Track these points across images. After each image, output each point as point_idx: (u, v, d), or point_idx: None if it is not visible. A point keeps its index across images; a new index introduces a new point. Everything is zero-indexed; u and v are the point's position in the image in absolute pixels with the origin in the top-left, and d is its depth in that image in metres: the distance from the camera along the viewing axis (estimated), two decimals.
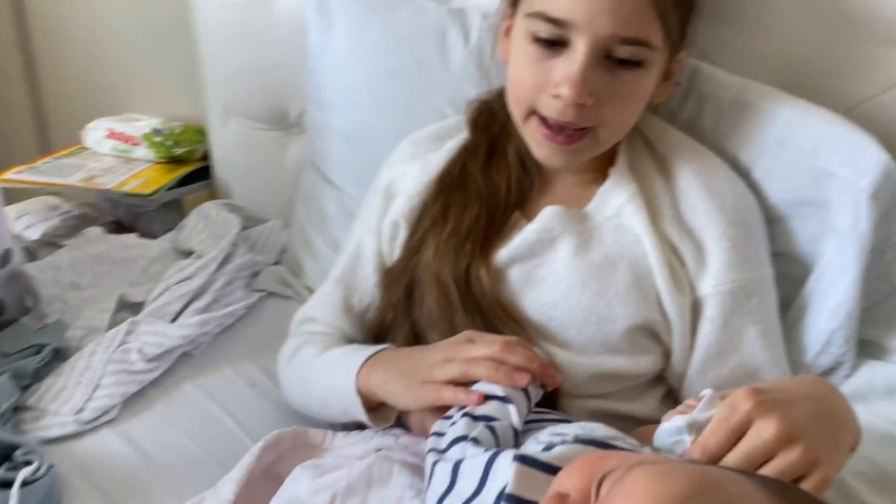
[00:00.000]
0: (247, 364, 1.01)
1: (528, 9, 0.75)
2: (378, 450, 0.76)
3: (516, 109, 0.79)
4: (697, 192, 0.78)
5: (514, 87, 0.79)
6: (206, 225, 1.19)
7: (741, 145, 0.83)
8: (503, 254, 0.79)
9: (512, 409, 0.64)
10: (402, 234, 0.86)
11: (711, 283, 0.75)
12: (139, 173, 1.43)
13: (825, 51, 0.86)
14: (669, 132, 0.84)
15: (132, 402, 0.93)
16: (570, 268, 0.77)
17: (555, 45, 0.72)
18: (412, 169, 0.88)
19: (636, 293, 0.75)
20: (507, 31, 0.84)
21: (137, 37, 1.55)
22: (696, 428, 0.56)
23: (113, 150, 1.50)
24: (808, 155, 0.78)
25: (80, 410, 0.90)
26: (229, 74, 1.30)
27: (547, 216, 0.80)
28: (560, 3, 0.71)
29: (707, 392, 0.59)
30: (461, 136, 0.89)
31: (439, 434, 0.65)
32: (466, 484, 0.55)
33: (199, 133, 1.50)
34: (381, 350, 0.78)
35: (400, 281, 0.85)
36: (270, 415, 0.94)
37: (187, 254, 1.15)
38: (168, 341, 0.97)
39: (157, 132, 1.47)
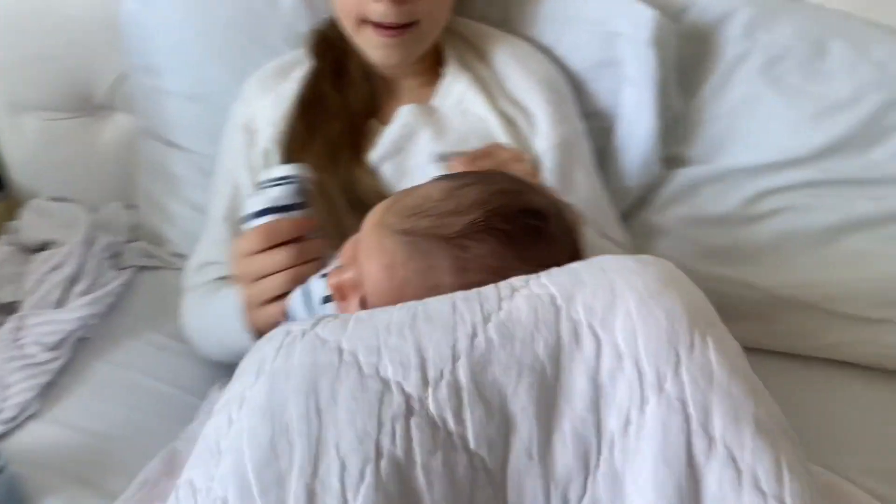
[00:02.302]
0: (147, 334, 1.02)
1: None
2: None
3: (347, 23, 0.90)
4: (517, 71, 0.96)
5: (339, 4, 0.90)
6: (46, 217, 1.14)
7: (544, 29, 1.03)
8: (373, 155, 0.91)
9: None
10: (275, 160, 0.93)
11: (545, 140, 0.93)
12: None
13: None
14: (483, 28, 1.02)
15: (50, 394, 0.91)
16: (434, 153, 0.91)
17: None
18: (269, 101, 0.96)
19: None
20: None
21: None
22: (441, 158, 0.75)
23: None
24: (599, 23, 1.00)
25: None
26: (13, 65, 1.23)
27: (404, 115, 0.93)
28: None
29: None
30: (305, 66, 0.98)
31: None
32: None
33: None
34: None
35: None
36: (190, 368, 0.98)
37: (36, 249, 1.11)
38: (64, 326, 0.96)
39: None
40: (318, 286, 0.69)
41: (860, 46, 1.01)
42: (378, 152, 0.91)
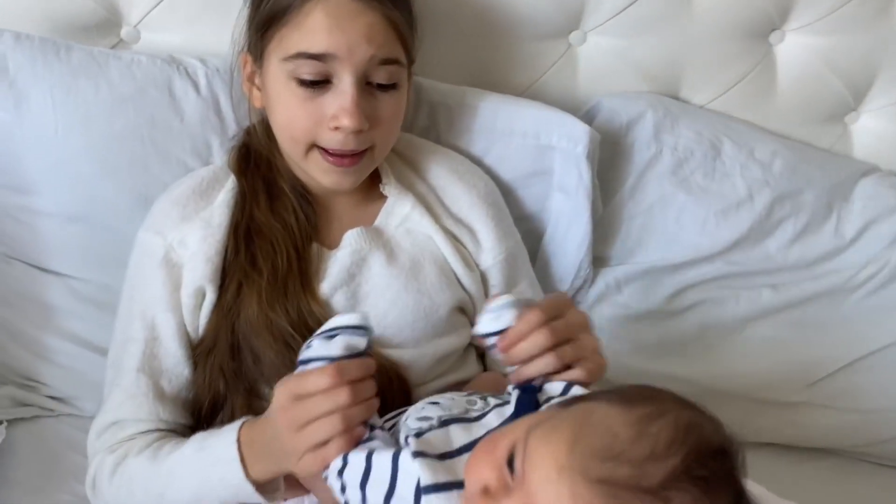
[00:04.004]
0: None
1: (285, 53, 0.79)
2: None
3: (294, 147, 0.83)
4: (455, 186, 0.93)
5: (286, 128, 0.83)
6: None
7: (473, 140, 1.01)
8: (325, 286, 0.84)
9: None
10: (211, 298, 0.83)
11: (490, 256, 0.92)
12: None
13: (495, 51, 1.08)
14: (414, 140, 0.98)
15: None
16: (388, 278, 0.86)
17: (318, 84, 0.79)
18: (194, 231, 0.84)
19: (445, 280, 0.89)
20: (251, 78, 0.86)
21: None
22: (517, 305, 0.69)
23: None
24: (532, 137, 1.00)
25: None
26: None
27: (352, 239, 0.87)
28: (319, 39, 0.77)
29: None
30: (229, 186, 0.88)
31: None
32: (381, 475, 0.62)
33: None
34: (238, 433, 0.74)
35: (220, 345, 0.83)
36: None
37: None
38: None
39: None
40: (409, 464, 0.60)
41: (745, 148, 1.11)
42: (330, 282, 0.84)
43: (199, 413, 0.84)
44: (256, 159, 0.88)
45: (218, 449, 0.74)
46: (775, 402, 1.06)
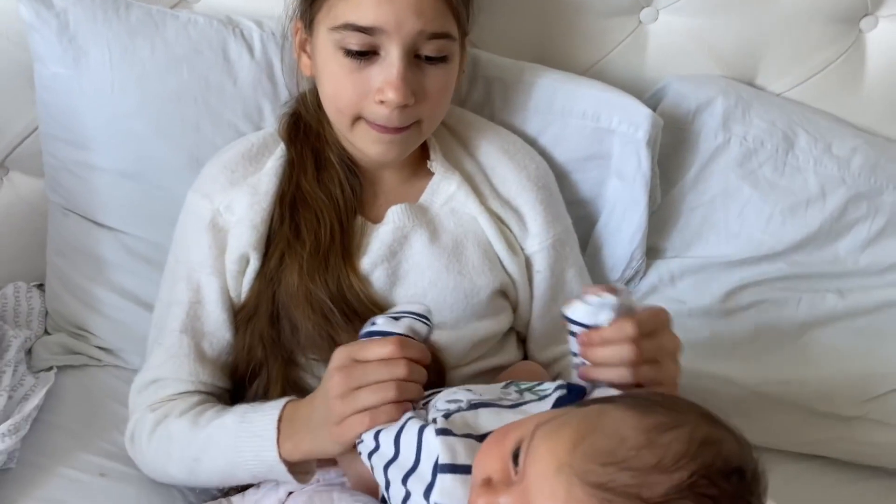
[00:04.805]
0: (82, 455, 0.88)
1: (332, 22, 0.77)
2: (290, 493, 0.78)
3: (340, 119, 0.81)
4: (505, 167, 0.90)
5: (333, 100, 0.81)
6: None
7: (528, 119, 0.97)
8: (366, 261, 0.83)
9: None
10: (254, 265, 0.83)
11: (536, 241, 0.89)
12: None
13: (559, 26, 1.04)
14: (466, 115, 0.95)
15: None
16: (430, 257, 0.84)
17: (365, 55, 0.77)
18: (241, 196, 0.84)
19: (488, 263, 0.86)
20: (303, 46, 0.84)
21: None
22: (617, 308, 0.66)
23: None
24: (591, 119, 0.96)
25: None
26: None
27: (396, 215, 0.85)
28: (366, 11, 0.75)
29: (623, 287, 0.72)
30: (278, 153, 0.87)
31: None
32: (406, 455, 0.62)
33: None
34: (282, 411, 0.74)
35: (261, 312, 0.83)
36: (140, 495, 0.85)
37: None
38: None
39: None
40: (432, 441, 0.60)
41: (822, 142, 1.04)
42: (371, 257, 0.83)
43: (238, 378, 0.85)
44: (306, 129, 0.87)
45: (258, 424, 0.74)
46: (829, 413, 1.00)
